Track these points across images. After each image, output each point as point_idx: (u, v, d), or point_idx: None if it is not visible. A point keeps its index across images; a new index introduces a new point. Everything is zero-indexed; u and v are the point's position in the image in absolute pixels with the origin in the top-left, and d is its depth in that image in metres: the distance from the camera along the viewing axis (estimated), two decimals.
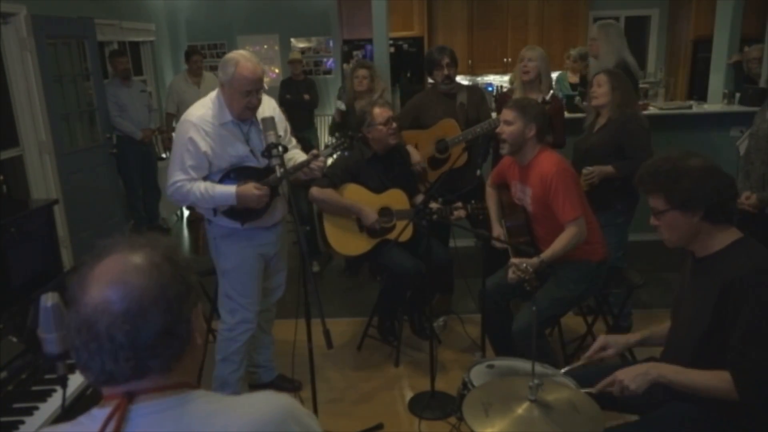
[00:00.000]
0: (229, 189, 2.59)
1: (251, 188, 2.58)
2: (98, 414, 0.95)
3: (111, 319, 0.91)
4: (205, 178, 2.63)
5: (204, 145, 2.57)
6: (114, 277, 0.93)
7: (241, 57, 2.54)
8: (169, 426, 0.94)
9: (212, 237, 2.81)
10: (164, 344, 0.94)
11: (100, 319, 0.91)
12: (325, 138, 5.89)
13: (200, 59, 6.21)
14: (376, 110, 3.29)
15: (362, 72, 4.41)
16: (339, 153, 2.90)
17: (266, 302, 3.04)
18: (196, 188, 2.58)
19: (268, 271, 2.95)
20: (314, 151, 2.73)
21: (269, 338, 3.18)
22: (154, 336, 0.93)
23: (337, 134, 2.84)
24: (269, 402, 1.01)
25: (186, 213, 6.72)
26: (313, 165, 2.71)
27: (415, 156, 3.65)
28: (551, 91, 3.69)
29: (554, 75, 6.80)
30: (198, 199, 2.61)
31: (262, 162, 2.66)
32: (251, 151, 2.66)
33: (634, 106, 3.34)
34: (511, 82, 4.07)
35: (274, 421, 0.98)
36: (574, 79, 6.21)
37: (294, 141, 3.00)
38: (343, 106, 4.51)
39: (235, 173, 2.64)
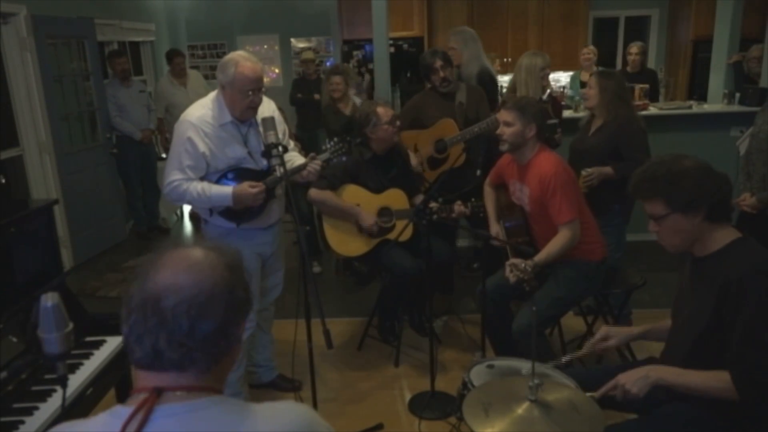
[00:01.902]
0: (226, 190, 2.59)
1: (246, 187, 2.57)
2: (122, 411, 0.96)
3: (179, 299, 0.94)
4: (202, 179, 2.64)
5: (202, 146, 2.57)
6: (188, 265, 0.98)
7: (240, 57, 2.54)
8: (192, 427, 0.95)
9: (209, 237, 2.81)
10: (214, 342, 0.97)
11: (169, 297, 0.94)
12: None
13: (183, 60, 6.17)
14: (381, 110, 3.29)
15: (336, 78, 4.45)
16: (336, 158, 2.91)
17: (264, 302, 3.04)
18: (193, 188, 2.59)
19: (264, 271, 2.95)
20: (312, 154, 2.73)
21: (268, 337, 3.18)
22: (210, 330, 0.96)
23: (335, 139, 2.84)
24: (293, 412, 1.02)
25: (188, 208, 6.70)
26: (310, 168, 2.71)
27: (413, 160, 3.66)
28: (548, 90, 3.70)
29: (560, 74, 6.83)
30: (194, 199, 2.61)
31: (260, 164, 2.66)
32: (249, 152, 2.66)
33: (628, 107, 3.33)
34: (510, 89, 4.12)
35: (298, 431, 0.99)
36: (586, 77, 6.26)
37: (292, 143, 3.00)
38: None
39: (233, 174, 2.64)
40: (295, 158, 2.85)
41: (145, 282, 0.97)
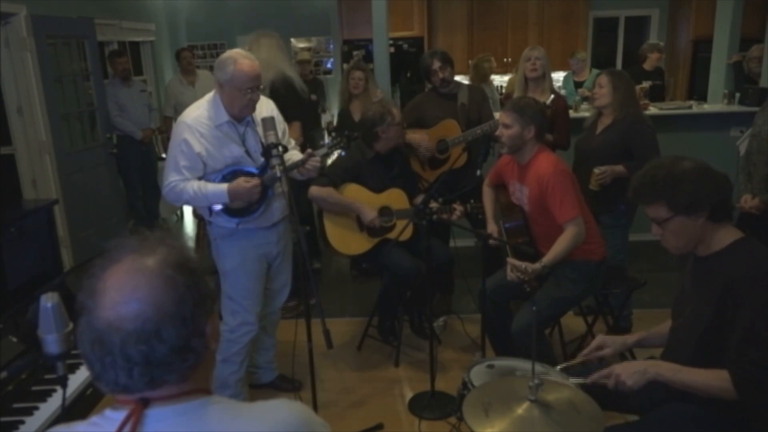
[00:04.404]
0: (221, 187, 2.59)
1: (241, 182, 2.58)
2: (112, 415, 0.95)
3: (124, 337, 0.90)
4: (200, 179, 2.63)
5: (198, 146, 2.57)
6: (127, 292, 0.91)
7: (238, 55, 2.54)
8: (185, 430, 0.94)
9: (213, 238, 2.82)
10: (179, 359, 0.93)
11: (114, 336, 0.90)
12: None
13: (189, 55, 6.13)
14: (395, 110, 3.32)
15: (358, 74, 4.42)
16: (337, 153, 2.90)
17: (272, 306, 3.03)
18: (189, 187, 2.59)
19: (271, 272, 2.94)
20: (309, 150, 2.73)
21: (272, 341, 3.17)
22: (168, 353, 0.92)
23: (333, 134, 2.83)
24: (286, 410, 1.02)
25: (189, 208, 6.68)
26: (308, 165, 2.71)
27: (417, 137, 3.63)
28: (552, 95, 3.69)
29: (560, 75, 6.87)
30: (191, 197, 2.61)
31: (258, 162, 2.66)
32: (246, 152, 2.66)
33: (637, 107, 3.35)
34: (508, 91, 4.08)
35: (292, 429, 0.98)
36: (579, 77, 6.31)
37: (293, 142, 3.00)
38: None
39: (231, 175, 2.64)
40: (295, 157, 2.85)
41: (89, 318, 0.92)
